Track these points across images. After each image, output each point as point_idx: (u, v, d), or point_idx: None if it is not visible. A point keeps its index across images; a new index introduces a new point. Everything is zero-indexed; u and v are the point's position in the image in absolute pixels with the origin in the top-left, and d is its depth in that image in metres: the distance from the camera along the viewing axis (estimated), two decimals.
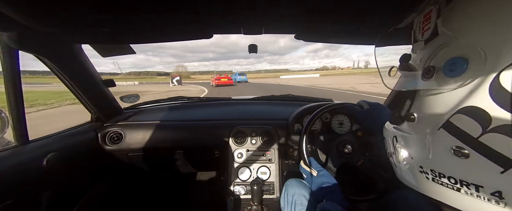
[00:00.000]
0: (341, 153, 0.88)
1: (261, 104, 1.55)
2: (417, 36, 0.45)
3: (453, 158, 0.35)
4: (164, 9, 0.61)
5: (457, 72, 0.34)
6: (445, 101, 0.37)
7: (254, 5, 0.60)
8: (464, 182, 0.34)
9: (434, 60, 0.39)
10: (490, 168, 0.31)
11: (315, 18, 0.70)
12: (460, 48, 0.35)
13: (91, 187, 1.20)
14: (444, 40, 0.38)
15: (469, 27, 0.35)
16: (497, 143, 0.30)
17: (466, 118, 0.33)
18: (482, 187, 0.32)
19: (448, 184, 0.37)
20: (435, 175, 0.39)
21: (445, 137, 0.36)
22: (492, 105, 0.30)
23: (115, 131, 1.16)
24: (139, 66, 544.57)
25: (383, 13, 0.65)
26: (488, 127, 0.31)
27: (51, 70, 0.91)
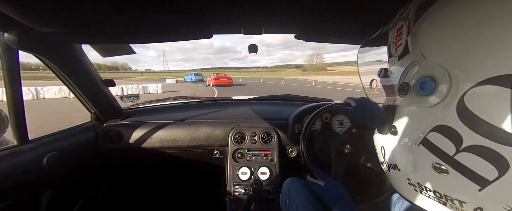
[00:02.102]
0: (342, 153, 0.87)
1: (261, 104, 1.55)
2: (391, 51, 0.45)
3: (435, 174, 0.35)
4: (164, 9, 0.61)
5: (427, 91, 0.35)
6: (421, 118, 0.37)
7: (254, 5, 0.60)
8: (448, 197, 0.34)
9: (407, 77, 0.39)
10: (468, 186, 0.31)
11: (315, 18, 0.70)
12: (428, 68, 0.35)
13: (91, 186, 1.20)
14: (414, 58, 0.38)
15: (434, 48, 0.35)
16: (471, 162, 0.30)
17: (441, 136, 0.33)
18: (465, 203, 0.32)
19: (435, 198, 0.37)
20: (422, 188, 0.38)
21: (425, 153, 0.36)
22: (461, 125, 0.31)
23: (115, 130, 1.16)
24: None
25: (384, 12, 0.65)
26: (461, 146, 0.31)
27: (51, 70, 0.91)
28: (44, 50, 0.80)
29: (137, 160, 1.39)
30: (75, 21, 0.67)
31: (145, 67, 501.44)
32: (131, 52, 1.00)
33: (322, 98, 1.55)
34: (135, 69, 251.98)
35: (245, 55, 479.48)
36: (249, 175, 1.12)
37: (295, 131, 1.13)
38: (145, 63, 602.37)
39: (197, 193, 1.60)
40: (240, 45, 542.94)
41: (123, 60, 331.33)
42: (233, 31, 0.82)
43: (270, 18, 0.70)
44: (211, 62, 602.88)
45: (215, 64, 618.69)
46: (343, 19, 0.71)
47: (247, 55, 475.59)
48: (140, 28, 0.76)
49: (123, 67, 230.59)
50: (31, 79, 14.66)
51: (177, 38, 0.89)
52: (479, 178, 0.29)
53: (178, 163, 1.48)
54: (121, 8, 0.60)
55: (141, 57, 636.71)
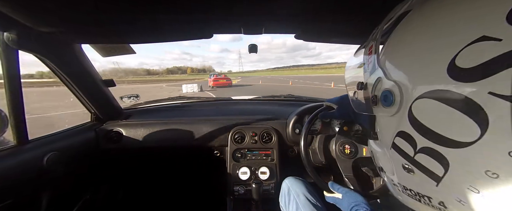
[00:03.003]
0: (343, 154, 0.88)
1: (261, 104, 1.55)
2: (365, 67, 0.51)
3: (406, 174, 0.40)
4: (164, 9, 0.61)
5: (388, 103, 0.40)
6: (389, 125, 0.43)
7: (254, 5, 0.60)
8: (420, 194, 0.39)
9: (375, 90, 0.45)
10: (429, 182, 0.35)
11: (316, 18, 0.70)
12: (387, 83, 0.41)
13: (91, 186, 1.20)
14: (379, 75, 0.43)
15: (391, 66, 0.41)
16: (426, 161, 0.35)
17: (402, 140, 0.39)
18: (431, 198, 0.37)
19: (412, 196, 0.41)
20: (403, 188, 0.43)
21: (396, 155, 0.41)
22: (413, 131, 0.36)
23: (115, 130, 1.16)
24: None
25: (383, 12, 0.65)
26: (416, 148, 0.36)
27: (51, 70, 0.91)
28: (44, 50, 0.80)
29: (137, 159, 1.39)
30: (75, 21, 0.67)
31: (227, 69, 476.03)
32: (131, 52, 1.00)
33: (322, 99, 1.55)
34: (220, 71, 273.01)
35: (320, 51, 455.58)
36: (249, 175, 1.12)
37: (295, 131, 1.13)
38: (228, 66, 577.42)
39: (197, 193, 1.60)
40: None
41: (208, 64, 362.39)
42: (233, 31, 0.82)
43: (270, 18, 0.71)
44: (284, 61, 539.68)
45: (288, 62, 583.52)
46: (343, 19, 0.71)
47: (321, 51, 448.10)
48: (140, 28, 0.76)
49: (208, 69, 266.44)
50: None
51: (177, 38, 0.89)
52: (433, 175, 0.34)
53: (178, 163, 1.48)
54: (121, 8, 0.60)
55: (225, 61, 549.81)
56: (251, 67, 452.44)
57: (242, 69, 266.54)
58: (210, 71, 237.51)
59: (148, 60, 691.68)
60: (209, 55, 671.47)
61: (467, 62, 0.28)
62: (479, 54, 0.27)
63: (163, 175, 1.58)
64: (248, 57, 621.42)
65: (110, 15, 0.65)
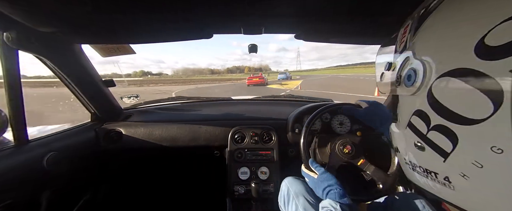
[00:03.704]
0: (341, 153, 0.88)
1: (261, 104, 1.55)
2: (397, 46, 0.52)
3: (417, 151, 0.43)
4: (164, 9, 0.61)
5: (411, 82, 0.42)
6: (408, 105, 0.45)
7: (254, 5, 0.60)
8: (428, 171, 0.42)
9: (401, 70, 0.47)
10: (437, 159, 0.38)
11: (315, 18, 0.70)
12: (414, 62, 0.42)
13: (91, 186, 1.20)
14: (409, 54, 0.44)
15: (422, 46, 0.42)
16: (437, 138, 0.38)
17: (418, 119, 0.41)
18: (438, 174, 0.40)
19: (421, 173, 0.44)
20: (413, 166, 0.46)
21: (410, 134, 0.44)
22: (429, 109, 0.38)
23: (115, 130, 1.16)
24: None
25: (383, 13, 0.65)
26: (430, 125, 0.39)
27: (51, 70, 0.91)
28: (44, 50, 0.80)
29: (137, 159, 1.39)
30: (75, 21, 0.68)
31: (283, 68, 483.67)
32: (131, 52, 1.00)
33: (322, 99, 1.55)
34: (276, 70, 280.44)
35: None
36: (249, 175, 1.12)
37: (295, 131, 1.13)
38: (285, 65, 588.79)
39: (197, 193, 1.60)
40: None
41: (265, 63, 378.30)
42: (233, 31, 0.82)
43: (270, 18, 0.71)
44: (348, 58, 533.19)
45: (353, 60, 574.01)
46: (342, 19, 0.71)
47: None
48: (140, 28, 0.76)
49: (265, 68, 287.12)
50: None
51: (177, 38, 0.89)
52: (442, 151, 0.37)
53: (178, 163, 1.48)
54: (121, 8, 0.60)
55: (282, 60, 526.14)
56: (310, 66, 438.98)
57: (299, 68, 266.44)
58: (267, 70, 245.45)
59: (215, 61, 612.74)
60: (266, 55, 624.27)
61: (496, 40, 0.29)
62: (509, 32, 0.28)
63: (163, 175, 1.58)
64: (306, 56, 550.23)
65: (110, 16, 0.65)
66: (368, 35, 0.85)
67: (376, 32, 0.80)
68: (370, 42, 0.98)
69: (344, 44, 1.08)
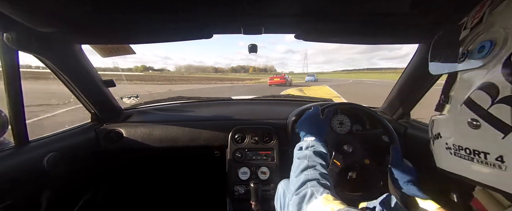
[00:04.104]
0: (341, 152, 0.88)
1: (261, 104, 1.55)
2: (467, 23, 0.49)
3: (469, 130, 0.41)
4: (164, 9, 0.61)
5: (483, 54, 0.40)
6: (470, 80, 0.43)
7: (254, 5, 0.60)
8: (476, 151, 0.40)
9: (471, 45, 0.44)
10: (494, 135, 0.37)
11: (315, 18, 0.70)
12: (492, 33, 0.40)
13: (91, 187, 1.20)
14: (484, 28, 0.42)
15: (505, 16, 0.40)
16: (500, 112, 0.36)
17: (481, 92, 0.39)
18: (489, 154, 0.38)
19: (464, 156, 0.43)
20: (456, 148, 0.45)
21: (465, 112, 0.42)
22: (501, 79, 0.36)
23: (115, 130, 1.16)
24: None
25: (383, 13, 0.65)
26: (496, 98, 0.36)
27: (51, 70, 0.91)
28: (44, 51, 0.80)
29: (137, 160, 1.39)
30: (75, 22, 0.67)
31: (289, 70, 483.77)
32: (131, 52, 1.00)
33: (321, 98, 1.55)
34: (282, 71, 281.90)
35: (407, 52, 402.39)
36: (249, 175, 1.12)
37: (295, 130, 1.13)
38: (291, 66, 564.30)
39: (197, 193, 1.60)
40: None
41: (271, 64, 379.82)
42: (233, 31, 0.82)
43: (269, 18, 0.71)
44: (356, 63, 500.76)
45: (360, 65, 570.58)
46: (342, 19, 0.71)
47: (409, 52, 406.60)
48: (140, 28, 0.76)
49: (270, 69, 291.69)
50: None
51: (177, 38, 0.88)
52: (504, 125, 0.35)
53: (178, 163, 1.48)
54: (121, 9, 0.60)
55: (288, 62, 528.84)
56: (316, 69, 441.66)
57: (306, 71, 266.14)
58: (272, 71, 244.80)
59: (221, 59, 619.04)
60: (273, 56, 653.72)
61: None
62: None
63: (163, 175, 1.58)
64: (313, 59, 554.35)
65: (110, 16, 0.65)
66: (368, 34, 0.85)
67: (376, 31, 0.80)
68: (371, 42, 0.98)
69: (352, 49, 1.04)
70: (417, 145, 1.01)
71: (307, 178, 0.56)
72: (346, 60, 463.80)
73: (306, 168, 0.60)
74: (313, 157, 0.64)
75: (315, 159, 0.63)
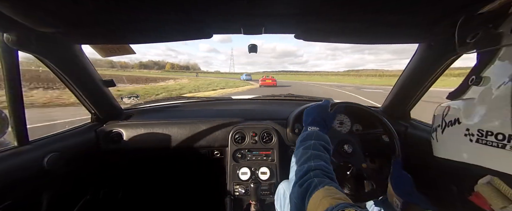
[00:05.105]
0: (341, 152, 0.88)
1: (261, 104, 1.55)
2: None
3: (510, 113, 0.35)
4: (164, 9, 0.61)
5: None
6: None
7: (254, 5, 0.60)
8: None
9: None
10: None
11: (315, 18, 0.70)
12: None
13: (91, 187, 1.20)
14: None
15: None
16: None
17: None
18: None
19: (493, 142, 0.38)
20: (481, 135, 0.40)
21: (509, 92, 0.36)
22: None
23: (115, 131, 1.16)
24: None
25: (383, 12, 0.65)
26: None
27: (51, 70, 0.91)
28: (44, 51, 0.80)
29: (137, 160, 1.39)
30: (75, 22, 0.67)
31: (214, 69, 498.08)
32: (131, 52, 1.00)
33: (322, 98, 1.55)
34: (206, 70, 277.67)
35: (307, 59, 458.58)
36: (249, 175, 1.12)
37: (295, 130, 1.13)
38: (215, 66, 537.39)
39: (197, 193, 1.60)
40: (303, 49, 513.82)
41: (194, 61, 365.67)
42: (233, 31, 0.82)
43: (270, 18, 0.70)
44: (272, 66, 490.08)
45: (275, 68, 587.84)
46: (342, 19, 0.71)
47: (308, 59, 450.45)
48: (140, 28, 0.76)
49: (193, 67, 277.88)
50: None
51: (177, 38, 0.88)
52: None
53: (178, 163, 1.48)
54: (120, 9, 0.60)
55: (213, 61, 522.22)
56: (240, 69, 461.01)
57: (233, 71, 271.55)
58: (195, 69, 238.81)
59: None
60: (196, 54, 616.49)
61: None
62: None
63: (163, 175, 1.58)
64: (237, 59, 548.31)
65: (110, 16, 0.65)
66: (369, 35, 0.85)
67: (376, 31, 0.80)
68: (371, 42, 0.98)
69: (269, 54, 1.05)
70: (417, 144, 1.01)
71: (311, 168, 0.54)
72: (264, 62, 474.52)
73: (310, 158, 0.58)
74: (317, 147, 0.62)
75: (320, 149, 0.61)
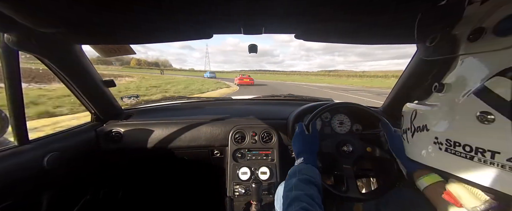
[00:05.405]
0: (341, 152, 0.88)
1: (261, 104, 1.55)
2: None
3: (476, 125, 0.34)
4: (164, 9, 0.61)
5: (509, 30, 0.32)
6: (485, 65, 0.36)
7: (254, 5, 0.60)
8: (480, 149, 0.34)
9: (487, 21, 0.36)
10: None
11: (315, 18, 0.70)
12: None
13: (91, 187, 1.20)
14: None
15: None
16: None
17: (503, 80, 0.32)
18: (499, 153, 0.32)
19: (462, 153, 0.36)
20: (449, 144, 0.38)
21: (473, 103, 0.35)
22: None
23: (115, 130, 1.16)
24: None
25: (383, 12, 0.65)
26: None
27: (51, 70, 0.91)
28: (44, 51, 0.80)
29: (137, 160, 1.39)
30: (75, 21, 0.67)
31: (189, 67, 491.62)
32: (131, 52, 1.00)
33: (322, 98, 1.55)
34: (180, 68, 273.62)
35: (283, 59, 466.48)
36: (249, 175, 1.12)
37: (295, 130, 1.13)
38: (190, 63, 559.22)
39: (197, 193, 1.60)
40: (279, 49, 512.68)
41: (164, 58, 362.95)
42: (233, 31, 0.82)
43: (269, 18, 0.70)
44: (249, 65, 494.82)
45: (253, 67, 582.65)
46: (343, 19, 0.71)
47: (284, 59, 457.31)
48: (140, 28, 0.76)
49: (163, 64, 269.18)
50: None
51: (177, 38, 0.89)
52: None
53: (178, 163, 1.48)
54: (121, 9, 0.60)
55: (187, 58, 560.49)
56: (216, 67, 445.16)
57: (209, 69, 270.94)
58: (166, 66, 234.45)
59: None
60: (168, 50, 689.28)
61: None
62: None
63: (163, 175, 1.58)
64: (213, 58, 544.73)
65: (110, 16, 0.65)
66: (369, 35, 0.85)
67: (377, 32, 0.80)
68: (371, 42, 0.98)
69: (247, 51, 1.04)
70: None
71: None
72: (242, 61, 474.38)
73: (293, 200, 0.58)
74: (300, 186, 0.61)
75: (303, 187, 0.61)
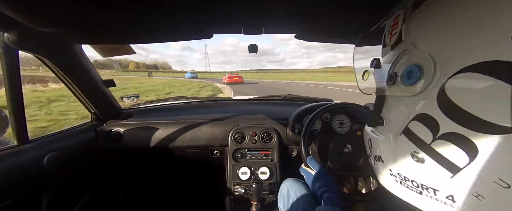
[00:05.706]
0: (341, 152, 0.88)
1: (261, 104, 1.55)
2: (386, 40, 0.45)
3: (413, 163, 0.36)
4: (164, 9, 0.61)
5: (412, 80, 0.35)
6: (405, 108, 0.39)
7: (254, 5, 0.60)
8: (424, 186, 0.36)
9: (396, 66, 0.40)
10: (441, 173, 0.32)
11: (316, 18, 0.70)
12: (417, 56, 0.36)
13: (91, 186, 1.20)
14: (406, 47, 0.38)
15: (425, 37, 0.36)
16: (445, 149, 0.31)
17: (420, 124, 0.35)
18: (438, 191, 0.34)
19: (412, 187, 0.38)
20: (401, 178, 0.40)
21: (405, 142, 0.37)
22: (439, 113, 0.32)
23: (115, 130, 1.16)
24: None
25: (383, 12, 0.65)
26: (437, 133, 0.32)
27: (51, 70, 0.91)
28: (44, 51, 0.80)
29: (137, 159, 1.39)
30: (75, 21, 0.67)
31: (190, 68, 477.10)
32: (131, 52, 1.00)
33: (322, 98, 1.55)
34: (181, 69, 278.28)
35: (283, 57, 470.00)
36: (249, 175, 1.12)
37: (295, 130, 1.13)
38: (191, 65, 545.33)
39: (197, 193, 1.60)
40: (279, 48, 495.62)
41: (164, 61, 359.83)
42: (233, 31, 0.82)
43: (270, 18, 0.70)
44: (249, 65, 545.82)
45: (253, 66, 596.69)
46: (343, 19, 0.71)
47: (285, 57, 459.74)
48: (140, 28, 0.76)
49: (162, 66, 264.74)
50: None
51: (177, 38, 0.89)
52: (451, 165, 0.31)
53: (178, 163, 1.48)
54: (121, 9, 0.60)
55: (188, 60, 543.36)
56: (217, 68, 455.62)
57: (209, 70, 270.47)
58: (165, 68, 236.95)
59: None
60: (169, 53, 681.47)
61: None
62: None
63: (163, 175, 1.58)
64: (213, 58, 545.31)
65: (110, 16, 0.65)
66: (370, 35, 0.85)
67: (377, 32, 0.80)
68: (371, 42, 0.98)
69: (246, 51, 1.05)
70: None
71: None
72: (242, 61, 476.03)
73: None
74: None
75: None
